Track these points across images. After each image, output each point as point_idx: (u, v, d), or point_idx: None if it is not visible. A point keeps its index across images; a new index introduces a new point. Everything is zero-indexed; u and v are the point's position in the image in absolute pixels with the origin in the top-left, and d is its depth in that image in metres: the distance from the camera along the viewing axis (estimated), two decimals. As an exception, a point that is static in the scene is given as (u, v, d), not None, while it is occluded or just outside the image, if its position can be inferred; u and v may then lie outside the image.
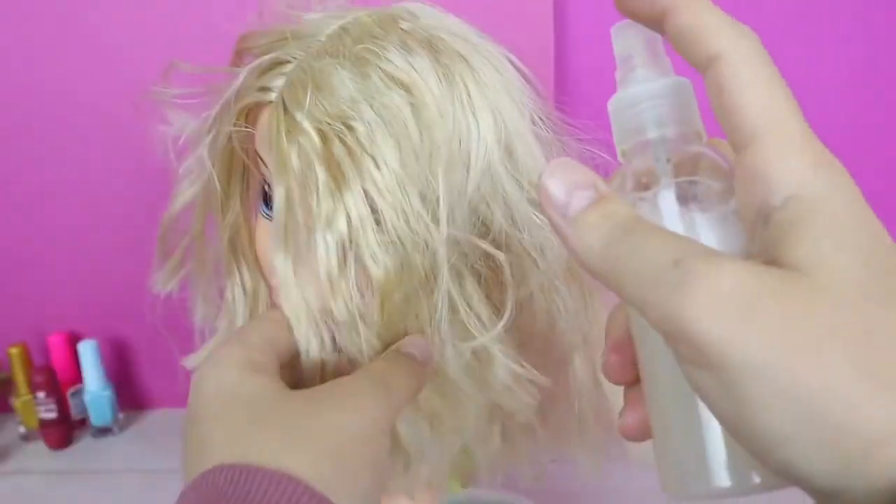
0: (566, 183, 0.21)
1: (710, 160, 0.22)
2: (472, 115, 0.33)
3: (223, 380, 0.29)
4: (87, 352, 0.73)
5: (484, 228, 0.34)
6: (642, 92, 0.23)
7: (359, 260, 0.32)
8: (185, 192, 0.42)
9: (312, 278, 0.33)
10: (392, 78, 0.32)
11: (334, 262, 0.32)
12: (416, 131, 0.32)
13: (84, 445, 0.74)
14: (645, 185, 0.22)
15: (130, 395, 0.79)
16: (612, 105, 0.24)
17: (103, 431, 0.74)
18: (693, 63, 0.21)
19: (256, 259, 0.41)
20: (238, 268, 0.43)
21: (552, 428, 0.39)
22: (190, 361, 0.46)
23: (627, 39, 0.24)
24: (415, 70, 0.33)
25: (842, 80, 0.69)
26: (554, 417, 0.39)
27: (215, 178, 0.39)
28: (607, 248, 0.20)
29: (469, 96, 0.33)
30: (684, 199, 0.22)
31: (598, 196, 0.21)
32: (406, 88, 0.32)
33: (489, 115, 0.33)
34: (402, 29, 0.34)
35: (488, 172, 0.33)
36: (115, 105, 0.70)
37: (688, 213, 0.21)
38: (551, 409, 0.39)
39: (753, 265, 0.18)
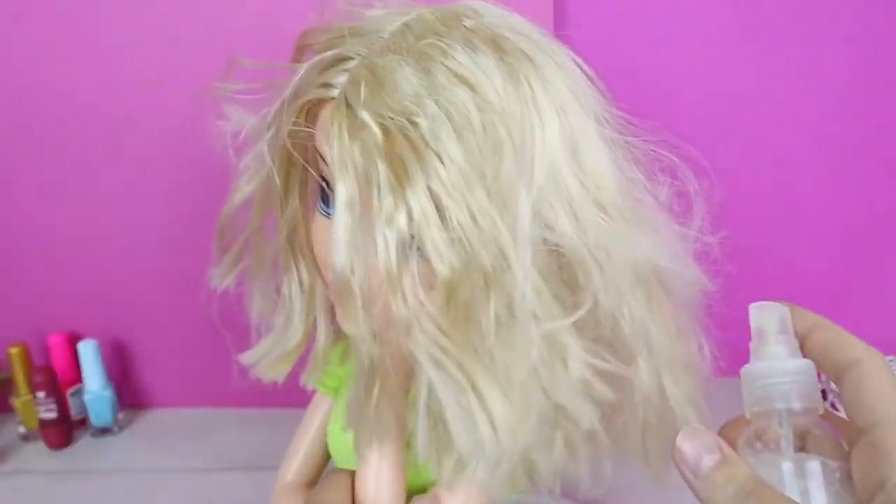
0: (696, 446, 0.26)
1: (825, 432, 0.27)
2: (536, 114, 0.33)
3: None
4: (87, 352, 0.72)
5: (548, 229, 0.33)
6: (776, 368, 0.27)
7: (423, 257, 0.32)
8: (244, 188, 0.42)
9: (373, 276, 0.32)
10: (456, 75, 0.32)
11: (394, 258, 0.31)
12: (480, 127, 0.31)
13: (84, 445, 0.73)
14: (768, 446, 0.27)
15: (130, 395, 0.79)
16: (746, 372, 0.28)
17: (103, 431, 0.74)
18: (831, 368, 0.27)
19: (314, 255, 0.41)
20: (295, 264, 0.43)
21: (615, 436, 0.38)
22: (245, 358, 0.46)
23: (763, 317, 0.28)
24: (479, 68, 0.32)
25: (842, 80, 0.69)
26: (617, 425, 0.38)
27: (275, 173, 0.39)
28: None
29: (534, 95, 0.33)
30: (800, 466, 0.26)
31: (723, 458, 0.26)
32: (470, 86, 0.32)
33: (554, 114, 0.33)
34: (465, 27, 0.34)
35: (552, 172, 0.33)
36: (116, 105, 0.70)
37: (804, 481, 0.25)
38: (614, 417, 0.37)
39: None
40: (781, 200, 0.72)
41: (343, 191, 0.32)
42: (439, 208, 0.31)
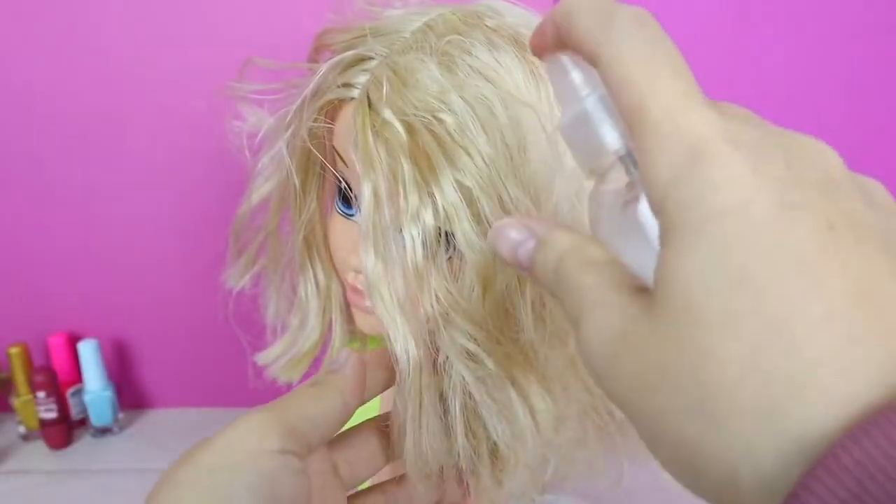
0: (509, 239, 0.24)
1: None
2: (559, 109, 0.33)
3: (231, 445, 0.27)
4: (87, 352, 0.72)
5: (577, 221, 0.33)
6: (589, 105, 0.22)
7: (457, 251, 0.32)
8: (261, 189, 0.42)
9: (402, 274, 0.32)
10: (479, 72, 0.32)
11: (420, 254, 0.31)
12: (506, 120, 0.32)
13: (84, 445, 0.73)
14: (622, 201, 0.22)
15: (130, 395, 0.79)
16: (563, 128, 0.23)
17: (103, 431, 0.74)
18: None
19: (330, 256, 0.41)
20: (312, 264, 0.43)
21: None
22: (261, 359, 0.46)
23: (555, 63, 0.23)
24: (502, 65, 0.33)
25: (842, 80, 0.69)
26: None
27: (293, 174, 0.39)
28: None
29: None
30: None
31: (537, 242, 0.23)
32: (494, 82, 0.32)
33: None
34: (487, 26, 0.34)
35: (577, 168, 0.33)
36: (117, 104, 0.70)
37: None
38: None
39: (625, 304, 0.19)
40: None
41: (369, 191, 0.32)
42: (470, 201, 0.31)
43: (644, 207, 0.20)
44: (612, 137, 0.22)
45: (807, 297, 0.15)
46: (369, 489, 0.34)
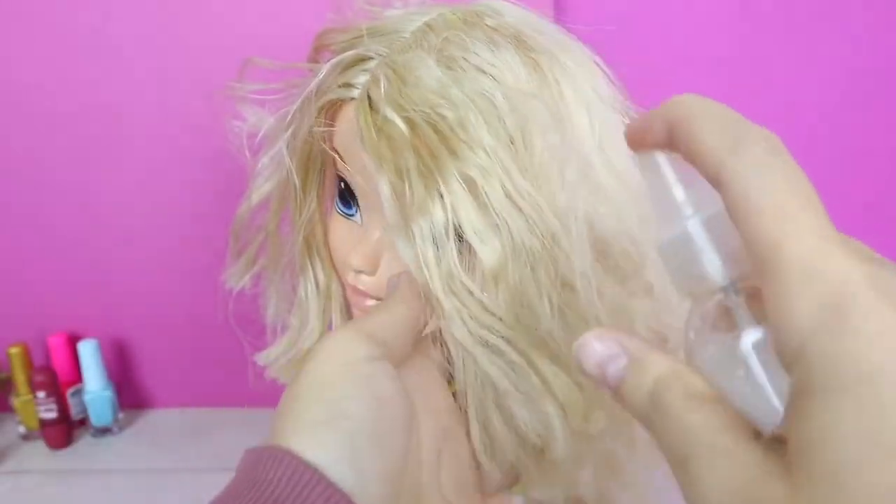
0: (598, 354, 0.22)
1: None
2: (564, 107, 0.33)
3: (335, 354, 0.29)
4: (87, 352, 0.73)
5: (588, 214, 0.32)
6: (692, 228, 0.21)
7: (466, 243, 0.32)
8: (261, 189, 0.42)
9: (416, 270, 0.33)
10: (479, 69, 0.32)
11: (430, 246, 0.32)
12: (508, 112, 0.32)
13: (84, 445, 0.74)
14: (721, 327, 0.20)
15: (130, 395, 0.79)
16: (662, 247, 0.22)
17: (103, 431, 0.74)
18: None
19: (330, 256, 0.41)
20: (312, 264, 0.43)
21: None
22: (261, 358, 0.46)
23: (655, 167, 0.22)
24: (502, 63, 0.33)
25: (842, 80, 0.69)
26: None
27: (293, 173, 0.39)
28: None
29: (560, 90, 0.33)
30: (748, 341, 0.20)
31: (630, 361, 0.21)
32: (495, 78, 0.32)
33: (581, 107, 0.33)
34: (487, 25, 0.34)
35: (584, 159, 0.33)
36: (119, 104, 0.70)
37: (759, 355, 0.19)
38: None
39: (752, 458, 0.17)
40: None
41: (385, 189, 0.32)
42: (476, 193, 0.31)
43: (750, 342, 0.19)
44: (716, 267, 0.20)
45: None
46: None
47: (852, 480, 0.15)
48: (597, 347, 0.22)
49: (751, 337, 0.19)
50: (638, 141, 0.22)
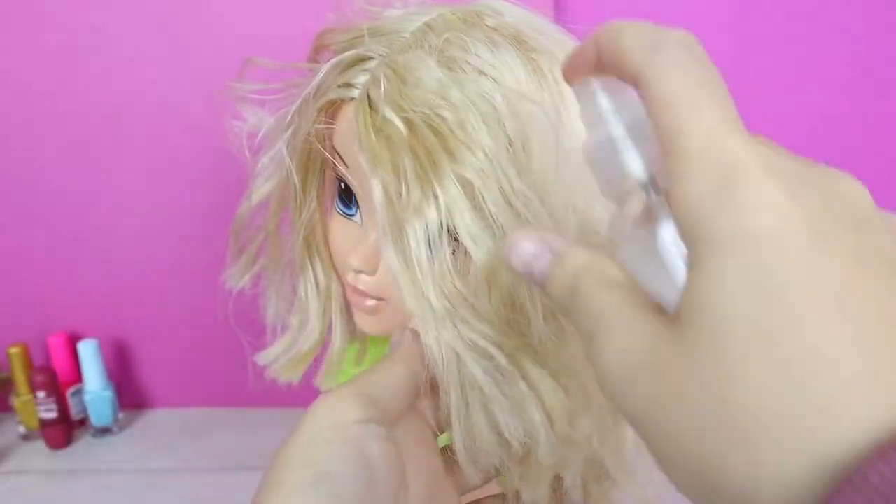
0: (524, 252, 0.23)
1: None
2: (564, 108, 0.33)
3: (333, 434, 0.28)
4: (87, 352, 0.73)
5: (584, 217, 0.33)
6: (615, 132, 0.22)
7: (461, 246, 0.32)
8: (261, 189, 0.42)
9: (409, 270, 0.32)
10: (480, 70, 0.32)
11: (423, 249, 0.31)
12: (507, 114, 0.31)
13: (84, 445, 0.74)
14: (642, 224, 0.22)
15: (130, 395, 0.79)
16: (587, 151, 0.23)
17: (103, 431, 0.74)
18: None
19: (330, 256, 0.41)
20: (312, 265, 0.43)
21: None
22: (261, 358, 0.46)
23: (586, 87, 0.23)
24: (503, 64, 0.33)
25: (842, 80, 0.69)
26: None
27: (293, 173, 0.39)
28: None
29: (559, 90, 0.33)
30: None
31: (554, 257, 0.23)
32: (495, 79, 0.32)
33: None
34: (487, 25, 0.34)
35: (580, 163, 0.33)
36: (118, 104, 0.70)
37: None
38: None
39: (649, 325, 0.19)
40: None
41: (380, 189, 0.32)
42: (472, 196, 0.31)
43: (665, 235, 0.21)
44: (636, 164, 0.22)
45: (838, 322, 0.16)
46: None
47: (733, 329, 0.16)
48: (525, 246, 0.23)
49: (666, 228, 0.20)
50: (573, 70, 0.23)
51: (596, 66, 0.22)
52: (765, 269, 0.16)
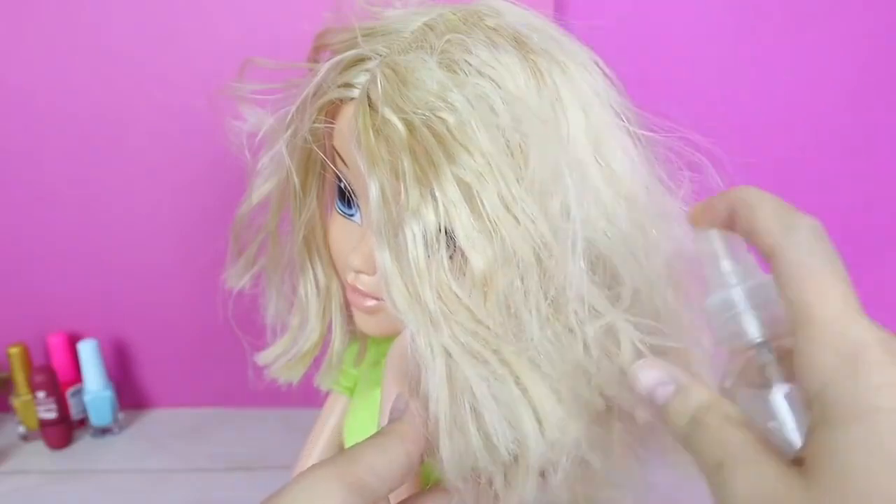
0: (651, 378, 0.27)
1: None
2: (561, 109, 0.33)
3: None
4: (87, 352, 0.72)
5: (582, 222, 0.32)
6: (736, 295, 0.26)
7: (458, 248, 0.32)
8: (261, 189, 0.42)
9: (409, 270, 0.32)
10: (479, 71, 0.32)
11: (421, 250, 0.31)
12: (507, 118, 0.31)
13: (84, 445, 0.73)
14: (752, 381, 0.25)
15: (130, 395, 0.79)
16: (708, 307, 0.27)
17: (103, 431, 0.74)
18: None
19: (330, 256, 0.41)
20: (312, 265, 0.43)
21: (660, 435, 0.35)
22: (261, 358, 0.46)
23: (710, 242, 0.27)
24: (502, 64, 0.32)
25: (843, 79, 0.69)
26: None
27: (293, 173, 0.39)
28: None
29: (558, 92, 0.33)
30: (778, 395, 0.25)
31: (677, 388, 0.26)
32: (494, 81, 0.32)
33: (578, 110, 0.33)
34: (487, 25, 0.34)
35: (579, 166, 0.32)
36: (118, 104, 0.70)
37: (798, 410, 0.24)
38: None
39: (777, 468, 0.21)
40: (782, 199, 0.72)
41: (376, 189, 0.32)
42: (470, 199, 0.31)
43: (778, 393, 0.24)
44: (753, 328, 0.25)
45: None
46: None
47: (857, 483, 0.19)
48: (653, 373, 0.27)
49: (781, 390, 0.24)
50: (700, 218, 0.28)
51: (725, 225, 0.26)
52: (887, 438, 0.19)
